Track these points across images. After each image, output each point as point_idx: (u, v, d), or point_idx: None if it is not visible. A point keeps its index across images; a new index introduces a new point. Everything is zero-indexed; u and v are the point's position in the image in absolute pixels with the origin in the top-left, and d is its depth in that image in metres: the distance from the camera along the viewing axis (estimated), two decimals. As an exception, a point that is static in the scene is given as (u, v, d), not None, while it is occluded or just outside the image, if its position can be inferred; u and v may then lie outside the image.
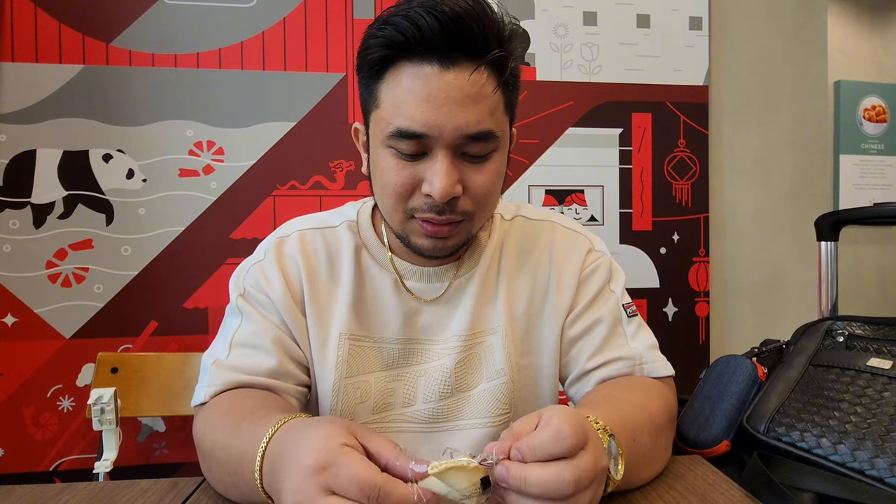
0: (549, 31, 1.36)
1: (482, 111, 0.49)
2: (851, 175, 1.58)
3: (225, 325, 0.60)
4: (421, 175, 0.51)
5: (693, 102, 1.42)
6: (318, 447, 0.34)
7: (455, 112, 0.48)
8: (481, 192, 0.52)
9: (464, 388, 0.61)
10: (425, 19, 0.46)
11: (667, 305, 1.41)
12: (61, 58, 1.19)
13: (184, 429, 1.23)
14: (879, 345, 0.55)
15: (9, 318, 1.17)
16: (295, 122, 1.27)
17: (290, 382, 0.57)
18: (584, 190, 1.38)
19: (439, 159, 0.49)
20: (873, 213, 0.73)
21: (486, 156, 0.52)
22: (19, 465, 1.17)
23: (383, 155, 0.52)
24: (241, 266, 0.62)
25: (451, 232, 0.53)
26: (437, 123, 0.48)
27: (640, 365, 0.60)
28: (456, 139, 0.49)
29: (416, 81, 0.48)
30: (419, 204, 0.52)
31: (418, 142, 0.49)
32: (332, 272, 0.61)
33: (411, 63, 0.49)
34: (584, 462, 0.35)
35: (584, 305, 0.63)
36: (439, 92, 0.48)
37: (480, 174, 0.52)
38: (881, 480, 0.44)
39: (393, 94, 0.50)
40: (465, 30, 0.47)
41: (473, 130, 0.49)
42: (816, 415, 0.51)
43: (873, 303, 1.58)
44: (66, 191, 1.20)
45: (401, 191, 0.51)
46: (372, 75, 0.52)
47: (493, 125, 0.50)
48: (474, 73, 0.48)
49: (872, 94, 1.63)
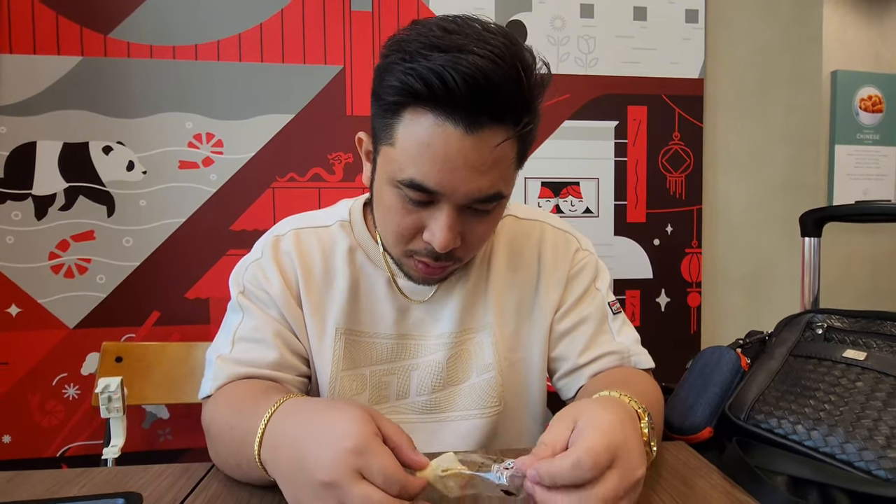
0: (545, 24, 1.36)
1: (496, 176, 0.49)
2: (846, 165, 1.60)
3: (227, 322, 0.62)
4: (424, 222, 0.51)
5: (688, 95, 1.43)
6: (357, 431, 0.36)
7: (471, 178, 0.47)
8: (478, 241, 0.55)
9: (455, 382, 0.63)
10: (454, 79, 0.43)
11: (659, 296, 1.44)
12: (59, 49, 1.20)
13: (187, 416, 1.26)
14: (856, 337, 0.57)
15: (13, 309, 1.19)
16: (293, 114, 1.28)
17: (292, 374, 0.60)
18: (579, 182, 1.40)
19: (445, 213, 0.50)
20: (855, 211, 0.75)
21: (489, 211, 0.53)
22: (26, 452, 1.20)
23: (390, 193, 0.52)
24: (239, 264, 0.64)
25: (442, 272, 0.57)
26: (451, 185, 0.48)
27: (629, 357, 0.64)
28: (465, 200, 0.50)
29: (437, 138, 0.46)
30: (418, 248, 0.54)
31: (427, 195, 0.49)
32: (326, 270, 0.62)
33: (434, 115, 0.46)
34: (608, 486, 0.35)
35: (571, 303, 0.65)
36: (458, 156, 0.46)
37: (481, 225, 0.53)
38: (850, 464, 0.46)
39: (409, 140, 0.47)
40: (497, 100, 0.45)
41: (485, 195, 0.49)
42: (794, 403, 0.53)
43: (865, 293, 1.61)
44: (67, 183, 1.21)
45: (403, 233, 0.53)
46: (387, 111, 0.49)
47: (503, 188, 0.51)
48: (500, 145, 0.47)
49: (869, 83, 1.63)
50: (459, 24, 0.46)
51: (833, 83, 1.58)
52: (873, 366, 0.53)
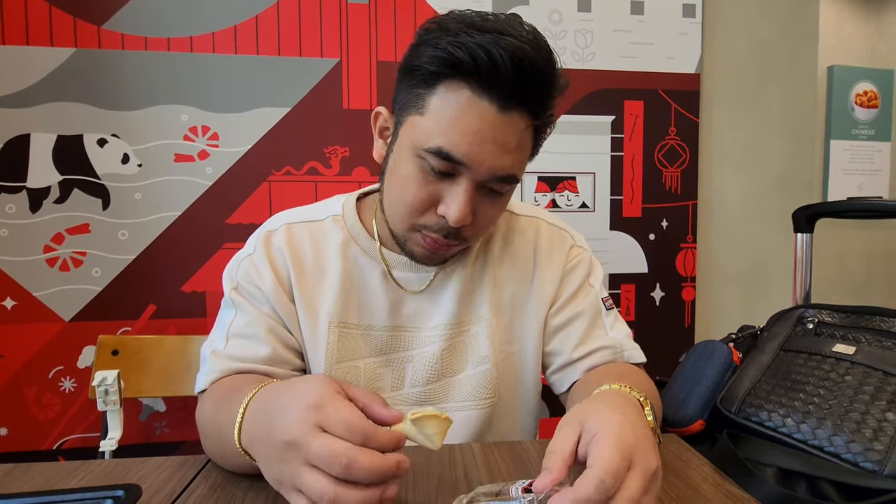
0: (543, 18, 1.36)
1: (516, 158, 0.53)
2: (841, 160, 1.61)
3: (221, 317, 0.63)
4: (440, 195, 0.53)
5: (685, 90, 1.43)
6: (315, 390, 0.37)
7: (497, 154, 0.50)
8: (487, 223, 0.57)
9: (449, 374, 0.64)
10: (503, 58, 0.46)
11: (654, 290, 1.45)
12: (52, 41, 1.19)
13: (184, 409, 1.26)
14: (845, 332, 0.58)
15: (8, 302, 1.19)
16: (290, 107, 1.27)
17: (285, 368, 0.60)
18: (575, 177, 1.40)
19: (464, 188, 0.52)
20: (847, 207, 0.76)
21: (502, 193, 0.56)
22: (23, 444, 1.20)
23: (410, 163, 0.53)
24: (233, 259, 0.65)
25: (447, 250, 0.57)
26: (478, 158, 0.50)
27: (621, 352, 0.65)
28: (486, 176, 0.52)
29: (472, 112, 0.49)
30: (430, 222, 0.55)
31: (452, 165, 0.51)
32: (318, 264, 0.63)
33: (471, 91, 0.49)
34: (632, 489, 0.34)
35: (566, 298, 0.66)
36: (489, 131, 0.49)
37: (492, 207, 0.56)
38: (838, 456, 0.47)
39: (442, 112, 0.50)
40: (533, 84, 0.49)
41: (506, 173, 0.52)
42: (784, 396, 0.54)
43: (859, 288, 1.63)
44: (62, 175, 1.20)
45: (417, 206, 0.54)
46: (422, 82, 0.51)
47: (519, 172, 0.54)
48: (521, 114, 0.50)
49: (865, 79, 1.64)
50: (496, 14, 0.50)
51: (829, 78, 1.59)
52: (862, 360, 0.54)
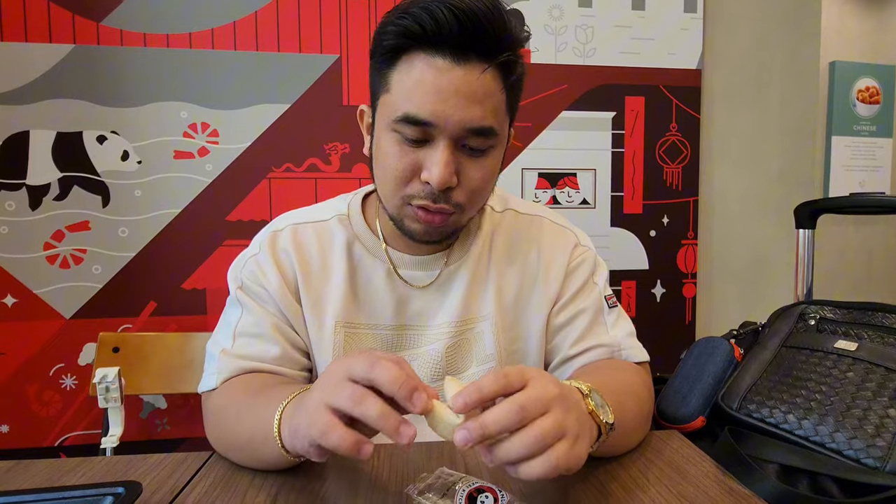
0: (543, 13, 1.35)
1: (486, 108, 0.52)
2: (842, 157, 1.60)
3: (226, 316, 0.63)
4: (421, 162, 0.53)
5: (686, 86, 1.43)
6: (340, 358, 0.40)
7: (462, 105, 0.50)
8: (475, 186, 0.55)
9: (454, 372, 0.64)
10: (444, 14, 0.48)
11: (655, 287, 1.45)
12: (51, 37, 1.18)
13: (185, 406, 1.27)
14: (847, 328, 0.58)
15: (9, 299, 1.19)
16: (289, 104, 1.27)
17: (294, 368, 0.61)
18: (576, 173, 1.40)
19: (440, 149, 0.52)
20: (849, 203, 0.75)
21: (483, 151, 0.54)
22: (25, 441, 1.21)
23: (387, 139, 0.54)
24: (237, 259, 0.65)
25: (443, 221, 0.56)
26: (444, 114, 0.50)
27: (619, 351, 0.64)
28: (458, 131, 0.51)
29: (428, 72, 0.50)
30: (416, 191, 0.54)
31: (423, 129, 0.51)
32: (323, 264, 0.63)
33: (425, 54, 0.51)
34: (525, 392, 0.37)
35: (569, 296, 0.66)
36: (449, 84, 0.50)
37: (476, 168, 0.55)
38: (840, 453, 0.47)
39: (404, 81, 0.52)
40: (480, 29, 0.49)
41: (476, 125, 0.51)
42: (785, 393, 0.54)
43: (859, 284, 1.62)
44: (61, 172, 1.20)
45: (400, 176, 0.54)
46: (385, 61, 0.53)
47: (494, 123, 0.53)
48: (485, 72, 0.51)
49: (867, 74, 1.63)
50: None
51: (831, 74, 1.58)
52: (864, 356, 0.54)
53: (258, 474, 0.50)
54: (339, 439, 0.36)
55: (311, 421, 0.38)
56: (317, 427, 0.37)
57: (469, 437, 0.35)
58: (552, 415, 0.37)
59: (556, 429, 0.37)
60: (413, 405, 0.37)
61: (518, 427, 0.36)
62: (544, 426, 0.36)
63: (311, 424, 0.38)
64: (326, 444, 0.37)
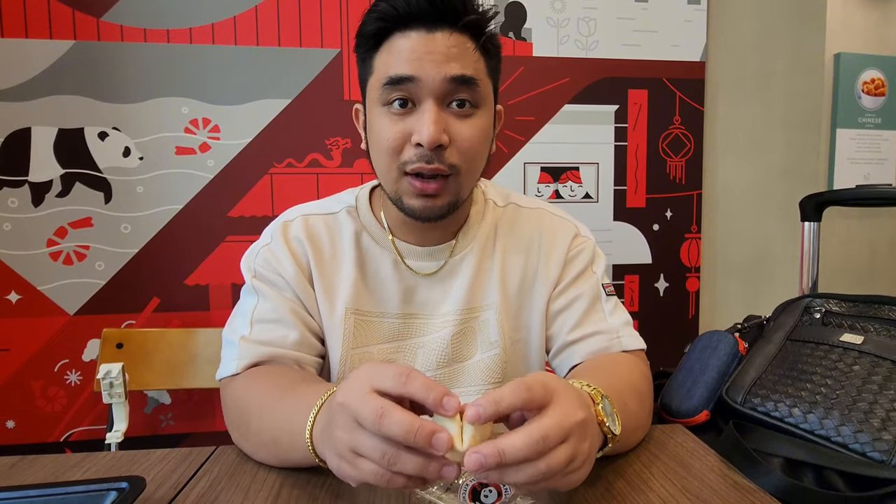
0: (545, 5, 1.34)
1: (465, 62, 0.55)
2: (847, 149, 1.59)
3: (242, 305, 0.63)
4: (410, 129, 0.55)
5: (689, 79, 1.42)
6: (367, 365, 0.38)
7: (440, 61, 0.54)
8: (467, 146, 0.56)
9: (460, 359, 0.65)
10: None
11: (658, 281, 1.44)
12: (52, 33, 1.18)
13: (189, 401, 1.27)
14: (853, 321, 0.58)
15: (13, 296, 1.19)
16: (290, 99, 1.27)
17: (312, 354, 0.62)
18: (579, 167, 1.39)
19: (427, 108, 0.54)
20: (856, 195, 0.75)
21: (472, 106, 0.57)
22: (30, 437, 1.21)
23: (378, 117, 0.57)
24: (249, 250, 0.66)
25: (439, 189, 0.56)
26: (423, 69, 0.54)
27: (618, 339, 0.64)
28: (441, 85, 0.54)
29: (405, 43, 0.55)
30: (410, 156, 0.55)
31: (407, 88, 0.54)
32: (334, 254, 0.65)
33: (399, 32, 0.55)
34: (547, 418, 0.35)
35: (567, 282, 0.67)
36: (424, 47, 0.54)
37: (465, 127, 0.56)
38: (845, 446, 0.47)
39: (385, 58, 0.56)
40: (446, 2, 0.54)
41: (457, 73, 0.54)
42: (790, 386, 0.54)
43: (863, 277, 1.61)
44: (63, 169, 1.20)
45: (393, 145, 0.55)
46: (368, 49, 0.58)
47: (475, 74, 0.56)
48: (454, 32, 0.55)
49: (872, 66, 1.61)
50: None
51: (836, 66, 1.56)
52: (870, 350, 0.54)
53: (261, 470, 0.50)
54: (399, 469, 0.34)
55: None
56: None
57: (484, 464, 0.33)
58: (570, 446, 0.35)
59: (571, 460, 0.35)
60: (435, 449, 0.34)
61: (536, 458, 0.34)
62: (559, 460, 0.34)
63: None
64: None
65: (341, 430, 0.37)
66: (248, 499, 0.45)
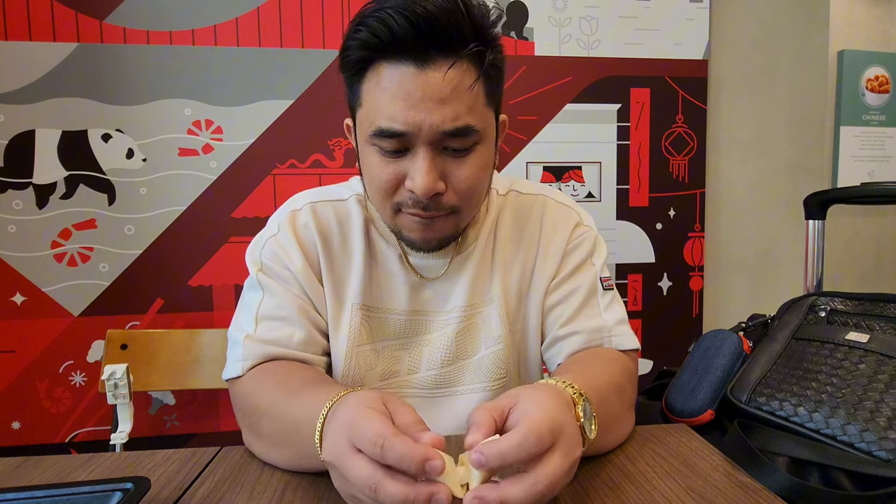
0: (547, 5, 1.34)
1: (459, 107, 0.50)
2: (851, 147, 1.58)
3: (246, 300, 0.61)
4: (404, 171, 0.52)
5: (692, 77, 1.41)
6: (350, 406, 0.38)
7: (432, 109, 0.49)
8: (465, 187, 0.53)
9: (464, 356, 0.64)
10: (396, 21, 0.47)
11: (662, 280, 1.44)
12: (55, 36, 1.18)
13: (193, 402, 1.27)
14: (859, 319, 0.57)
15: (17, 297, 1.20)
16: (293, 99, 1.27)
17: (318, 353, 0.60)
18: (581, 166, 1.39)
19: (420, 156, 0.50)
20: (860, 193, 0.74)
21: (467, 150, 0.52)
22: (36, 438, 1.22)
23: (369, 152, 0.53)
24: (255, 240, 0.63)
25: (439, 223, 0.55)
26: (416, 121, 0.49)
27: (609, 337, 0.63)
28: (434, 136, 0.50)
29: (393, 81, 0.49)
30: (405, 198, 0.53)
31: (399, 140, 0.50)
32: (344, 244, 0.63)
33: (389, 63, 0.49)
34: (552, 467, 0.35)
35: (565, 275, 0.65)
36: (416, 90, 0.48)
37: (463, 168, 0.53)
38: (851, 445, 0.47)
39: (373, 94, 0.51)
40: (437, 29, 0.47)
41: (450, 127, 0.50)
42: (795, 385, 0.53)
43: (868, 275, 1.60)
44: (67, 171, 1.21)
45: (386, 187, 0.53)
46: (353, 75, 0.53)
47: (472, 120, 0.51)
48: (450, 69, 0.49)
49: (876, 63, 1.60)
50: None
51: (839, 63, 1.55)
52: (876, 348, 0.53)
53: (266, 470, 0.50)
54: None
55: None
56: None
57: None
58: (561, 483, 0.36)
59: (556, 488, 0.36)
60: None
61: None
62: (545, 493, 0.35)
63: None
64: None
65: (337, 482, 0.37)
66: (253, 499, 0.45)
